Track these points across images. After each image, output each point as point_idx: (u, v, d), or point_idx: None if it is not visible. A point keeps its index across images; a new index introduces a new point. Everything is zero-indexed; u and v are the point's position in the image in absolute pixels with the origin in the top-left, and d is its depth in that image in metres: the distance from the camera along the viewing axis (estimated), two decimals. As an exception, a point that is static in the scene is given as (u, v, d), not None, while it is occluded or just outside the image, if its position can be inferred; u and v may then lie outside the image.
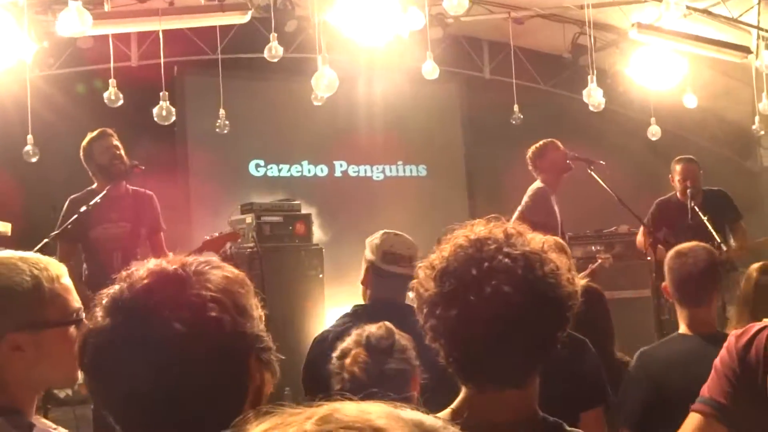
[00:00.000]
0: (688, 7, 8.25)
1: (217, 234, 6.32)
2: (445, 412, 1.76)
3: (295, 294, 7.68)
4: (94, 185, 5.93)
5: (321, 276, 8.01)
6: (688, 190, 6.71)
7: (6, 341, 1.70)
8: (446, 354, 1.71)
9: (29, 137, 7.44)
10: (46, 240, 5.20)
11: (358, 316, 3.40)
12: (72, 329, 1.78)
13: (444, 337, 1.69)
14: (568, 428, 1.81)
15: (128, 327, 1.30)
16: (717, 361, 2.52)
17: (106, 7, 7.05)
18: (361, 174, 11.20)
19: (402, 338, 2.61)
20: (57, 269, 1.80)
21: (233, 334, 1.33)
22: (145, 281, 1.33)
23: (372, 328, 2.61)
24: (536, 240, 1.71)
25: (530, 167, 6.74)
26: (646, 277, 7.42)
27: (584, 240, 8.36)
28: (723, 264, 3.96)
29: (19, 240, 6.65)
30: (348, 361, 2.54)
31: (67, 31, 6.08)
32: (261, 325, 1.41)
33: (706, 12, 8.55)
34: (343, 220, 9.21)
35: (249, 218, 7.73)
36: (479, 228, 1.76)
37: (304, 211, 8.07)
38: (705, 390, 2.40)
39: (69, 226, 5.42)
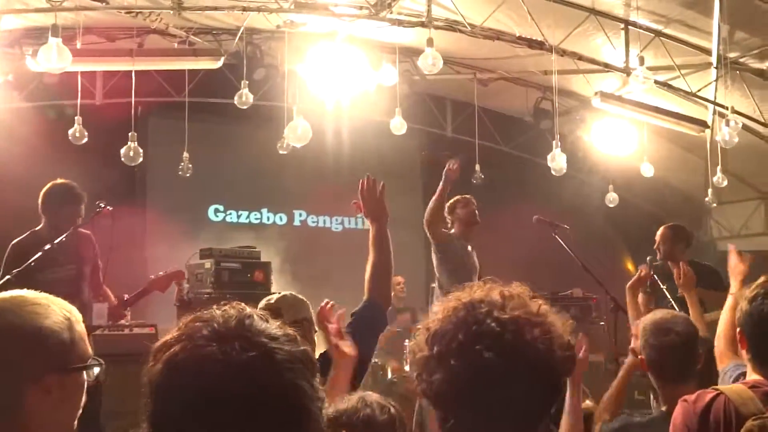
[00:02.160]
0: (655, 81, 8.48)
1: (161, 273, 6.20)
2: None
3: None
4: (39, 226, 5.83)
5: (278, 322, 7.93)
6: (648, 258, 6.79)
7: (41, 383, 1.63)
8: (438, 418, 1.66)
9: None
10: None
11: None
12: (84, 375, 1.73)
13: (432, 401, 1.65)
14: None
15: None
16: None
17: (78, 44, 7.04)
18: (320, 224, 11.21)
19: None
20: (78, 314, 1.76)
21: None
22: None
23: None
24: (534, 304, 1.63)
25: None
26: (599, 342, 7.48)
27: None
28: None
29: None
30: None
31: (46, 67, 6.06)
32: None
33: (666, 85, 8.78)
34: (300, 268, 9.18)
35: (208, 263, 7.65)
36: (477, 291, 1.70)
37: (263, 258, 8.04)
38: None
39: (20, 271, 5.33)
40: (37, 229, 5.86)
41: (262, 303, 3.87)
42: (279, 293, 3.97)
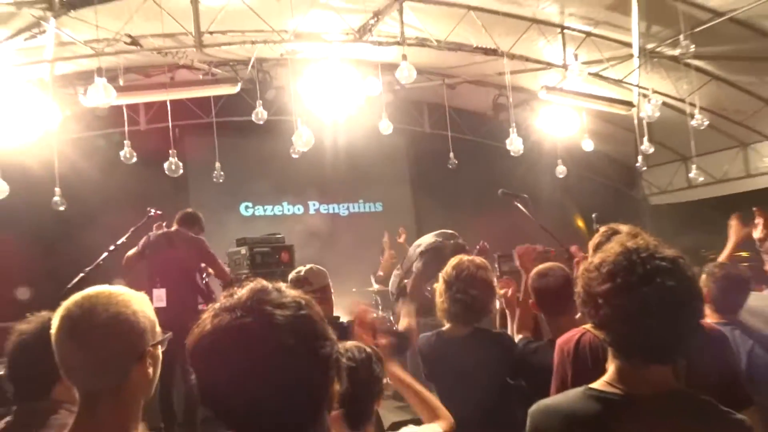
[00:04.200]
0: (588, 73, 8.45)
1: None
2: (599, 382, 1.72)
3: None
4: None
5: (303, 294, 7.95)
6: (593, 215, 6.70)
7: (142, 358, 1.64)
8: (606, 330, 1.69)
9: (57, 190, 7.29)
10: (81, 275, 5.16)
11: None
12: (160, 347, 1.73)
13: (607, 323, 1.68)
14: (722, 407, 1.69)
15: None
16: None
17: (121, 82, 6.99)
18: (330, 211, 11.23)
19: None
20: (147, 299, 1.75)
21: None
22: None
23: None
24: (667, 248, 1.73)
25: None
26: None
27: (510, 257, 8.38)
28: None
29: (49, 275, 6.50)
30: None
31: (94, 102, 5.99)
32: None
33: (597, 75, 8.73)
34: (317, 248, 9.14)
35: (243, 249, 7.63)
36: (625, 240, 1.75)
37: (287, 242, 8.01)
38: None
39: None
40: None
41: (293, 275, 3.90)
42: (305, 266, 3.94)
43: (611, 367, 1.72)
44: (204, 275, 6.67)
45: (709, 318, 3.23)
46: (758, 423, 2.34)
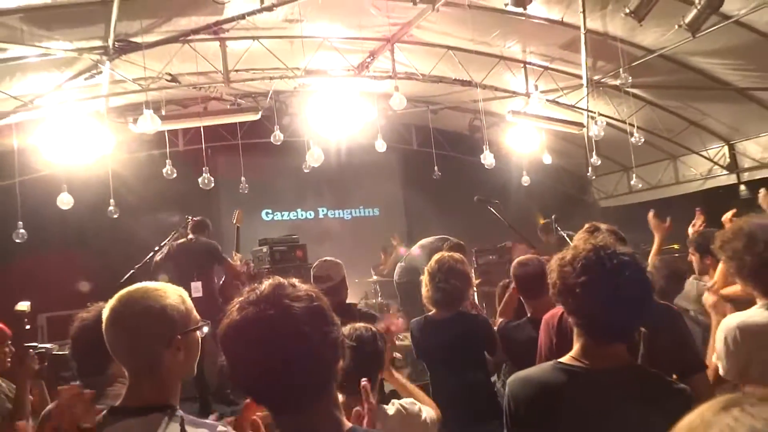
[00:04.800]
0: (546, 100, 8.47)
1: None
2: (567, 357, 1.72)
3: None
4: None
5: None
6: (552, 215, 6.65)
7: (172, 345, 1.61)
8: (577, 315, 1.70)
9: (111, 201, 7.29)
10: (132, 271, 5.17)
11: None
12: (197, 334, 1.70)
13: (574, 309, 1.68)
14: (667, 378, 1.70)
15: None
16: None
17: (163, 112, 6.98)
18: (336, 216, 11.20)
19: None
20: (185, 292, 1.72)
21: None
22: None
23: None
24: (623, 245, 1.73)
25: None
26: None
27: (485, 251, 8.41)
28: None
29: (106, 270, 6.49)
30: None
31: (143, 129, 5.97)
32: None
33: (554, 101, 8.74)
34: (326, 246, 9.14)
35: (265, 248, 7.64)
36: (591, 239, 1.77)
37: (301, 242, 8.00)
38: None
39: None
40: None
41: (315, 270, 3.74)
42: (324, 259, 3.80)
43: (576, 345, 1.71)
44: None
45: None
46: (710, 385, 2.31)
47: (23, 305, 3.30)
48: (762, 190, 4.17)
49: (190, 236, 6.40)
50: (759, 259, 2.24)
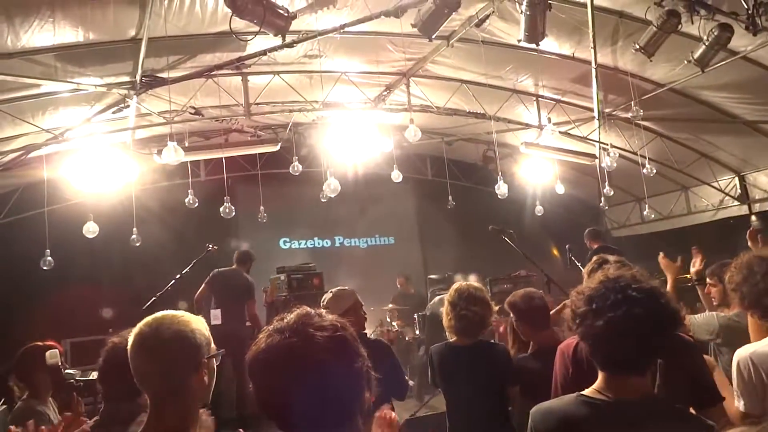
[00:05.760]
0: (559, 132, 8.49)
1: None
2: (590, 389, 1.69)
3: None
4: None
5: (331, 314, 7.89)
6: (567, 246, 6.65)
7: (199, 369, 1.64)
8: (588, 347, 1.68)
9: (134, 229, 7.38)
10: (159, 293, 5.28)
11: None
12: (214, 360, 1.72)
13: (589, 339, 1.66)
14: (690, 412, 1.67)
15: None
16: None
17: (186, 143, 7.10)
18: (353, 244, 11.18)
19: None
20: (203, 320, 1.75)
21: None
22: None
23: None
24: (649, 280, 1.68)
25: None
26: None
27: (500, 281, 8.36)
28: None
29: (129, 297, 6.55)
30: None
31: (167, 160, 6.08)
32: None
33: (566, 133, 8.77)
34: (342, 274, 9.13)
35: (283, 276, 7.63)
36: (610, 270, 1.75)
37: (318, 270, 8.00)
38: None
39: None
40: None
41: (330, 296, 3.50)
42: (339, 287, 3.66)
43: (600, 376, 1.69)
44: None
45: None
46: (724, 415, 2.28)
47: (53, 356, 2.96)
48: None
49: (234, 266, 6.68)
50: (756, 289, 2.29)
